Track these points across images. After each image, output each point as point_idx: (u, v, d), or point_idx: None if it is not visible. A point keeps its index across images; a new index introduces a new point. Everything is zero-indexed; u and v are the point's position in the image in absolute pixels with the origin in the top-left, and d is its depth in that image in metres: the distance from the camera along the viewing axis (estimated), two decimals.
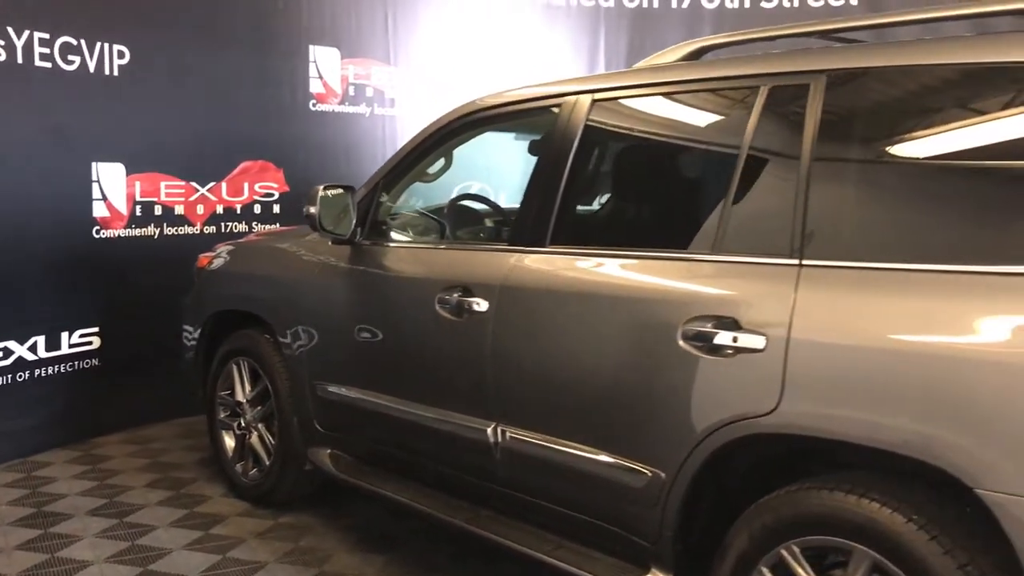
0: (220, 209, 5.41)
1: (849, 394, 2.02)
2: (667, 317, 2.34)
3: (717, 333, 2.22)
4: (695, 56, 2.74)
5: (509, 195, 5.21)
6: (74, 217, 4.70)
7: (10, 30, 4.27)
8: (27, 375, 4.55)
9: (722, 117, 2.60)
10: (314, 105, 5.78)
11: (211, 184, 5.35)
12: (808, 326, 2.09)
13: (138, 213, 5.00)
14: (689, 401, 2.30)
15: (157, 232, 5.12)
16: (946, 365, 1.88)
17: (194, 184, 5.27)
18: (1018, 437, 1.78)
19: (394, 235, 3.46)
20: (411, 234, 3.52)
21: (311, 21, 5.70)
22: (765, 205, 2.35)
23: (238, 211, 5.49)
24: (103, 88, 4.72)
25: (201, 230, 5.32)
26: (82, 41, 4.60)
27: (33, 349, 4.56)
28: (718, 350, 2.23)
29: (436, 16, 6.24)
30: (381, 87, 6.06)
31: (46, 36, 4.44)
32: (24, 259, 4.46)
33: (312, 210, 3.27)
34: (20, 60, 4.33)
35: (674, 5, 6.31)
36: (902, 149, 2.22)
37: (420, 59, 6.19)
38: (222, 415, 4.12)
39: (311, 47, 5.73)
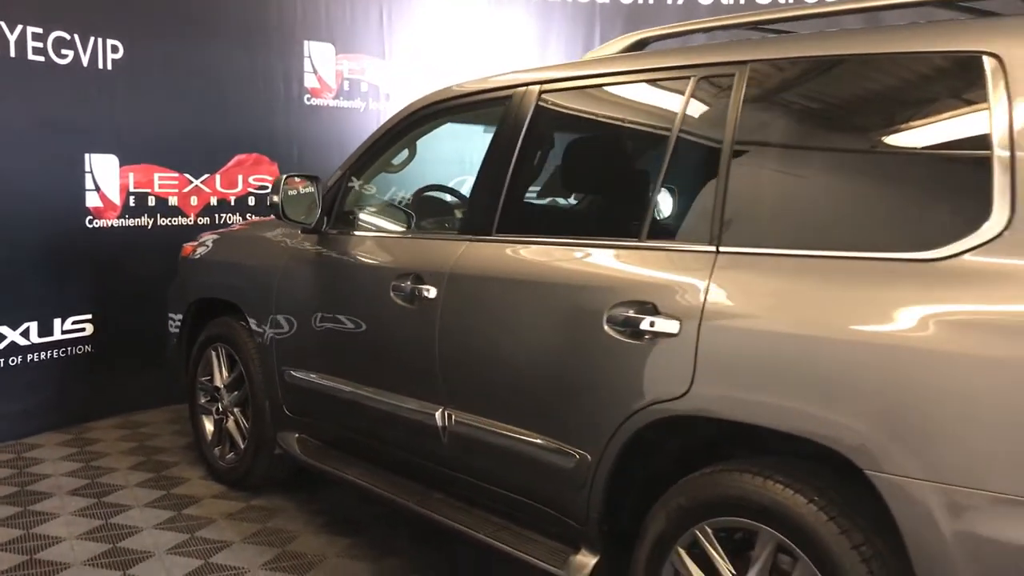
0: (214, 200, 5.53)
1: (753, 378, 2.06)
2: (595, 303, 2.39)
3: (637, 318, 2.27)
4: (637, 47, 2.79)
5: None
6: (67, 207, 4.84)
7: (3, 24, 4.41)
8: (19, 359, 4.69)
9: (655, 108, 2.63)
10: (309, 99, 5.88)
11: (205, 176, 5.47)
12: (718, 312, 2.13)
13: (132, 204, 5.14)
14: (612, 384, 2.35)
15: (151, 222, 5.25)
16: (838, 350, 1.91)
17: (188, 176, 5.40)
18: (902, 420, 1.81)
19: (359, 224, 3.53)
20: (377, 224, 3.59)
21: (305, 16, 5.80)
22: (689, 193, 2.39)
23: (232, 203, 5.61)
24: (96, 82, 4.85)
25: (195, 221, 5.44)
26: (75, 36, 4.74)
27: (26, 334, 4.70)
28: (638, 335, 2.28)
29: (431, 11, 6.31)
30: (376, 82, 6.15)
31: (39, 31, 4.57)
32: (17, 247, 4.60)
33: (275, 199, 3.36)
34: (13, 54, 4.47)
35: (669, 1, 6.33)
36: (812, 138, 2.25)
37: (415, 54, 6.26)
38: (202, 400, 4.22)
39: (306, 42, 5.84)
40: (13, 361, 4.65)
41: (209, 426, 4.20)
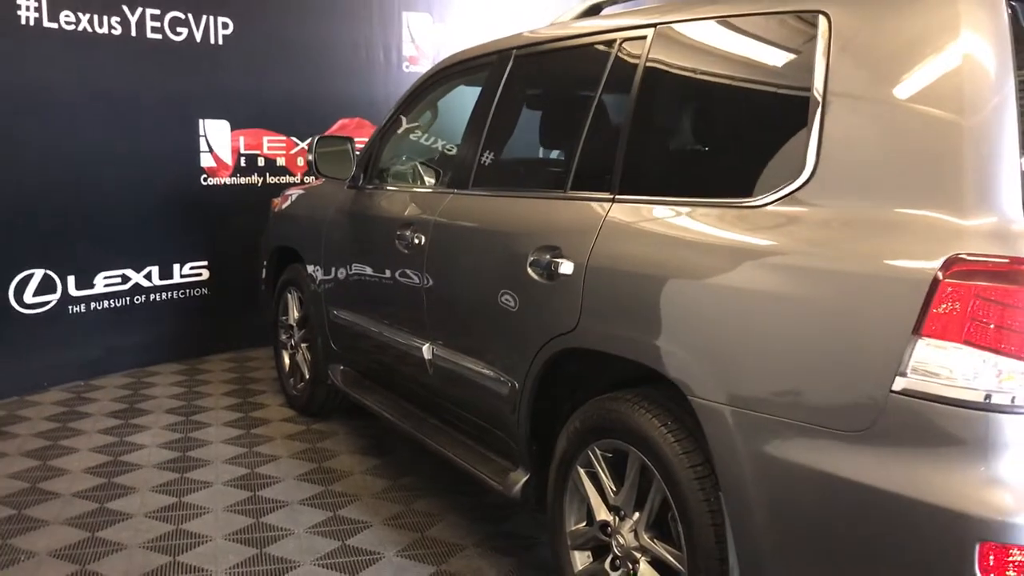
0: None
1: (615, 313, 2.29)
2: (522, 248, 2.66)
3: (548, 261, 2.53)
4: (593, 12, 2.99)
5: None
6: (183, 167, 5.52)
7: (124, 8, 5.09)
8: (143, 299, 5.44)
9: (590, 70, 2.82)
10: (407, 67, 6.33)
11: (310, 139, 6.01)
12: (600, 254, 2.37)
13: (242, 164, 5.77)
14: (529, 320, 2.63)
15: (260, 181, 5.88)
16: (670, 288, 2.12)
17: (294, 139, 5.97)
18: (712, 351, 2.01)
19: (389, 180, 3.92)
20: (406, 180, 3.96)
21: None
22: (602, 147, 2.60)
23: None
24: (209, 56, 5.48)
25: (301, 179, 6.02)
26: (189, 15, 5.37)
27: (148, 277, 5.44)
28: (551, 276, 2.54)
29: None
30: None
31: (157, 12, 5.22)
32: (140, 201, 5.33)
33: (310, 157, 3.80)
34: (134, 33, 5.14)
35: None
36: (687, 94, 2.42)
37: (509, 23, 6.54)
38: (282, 337, 4.79)
39: (404, 13, 6.27)
40: (137, 300, 5.41)
41: (286, 359, 4.77)
